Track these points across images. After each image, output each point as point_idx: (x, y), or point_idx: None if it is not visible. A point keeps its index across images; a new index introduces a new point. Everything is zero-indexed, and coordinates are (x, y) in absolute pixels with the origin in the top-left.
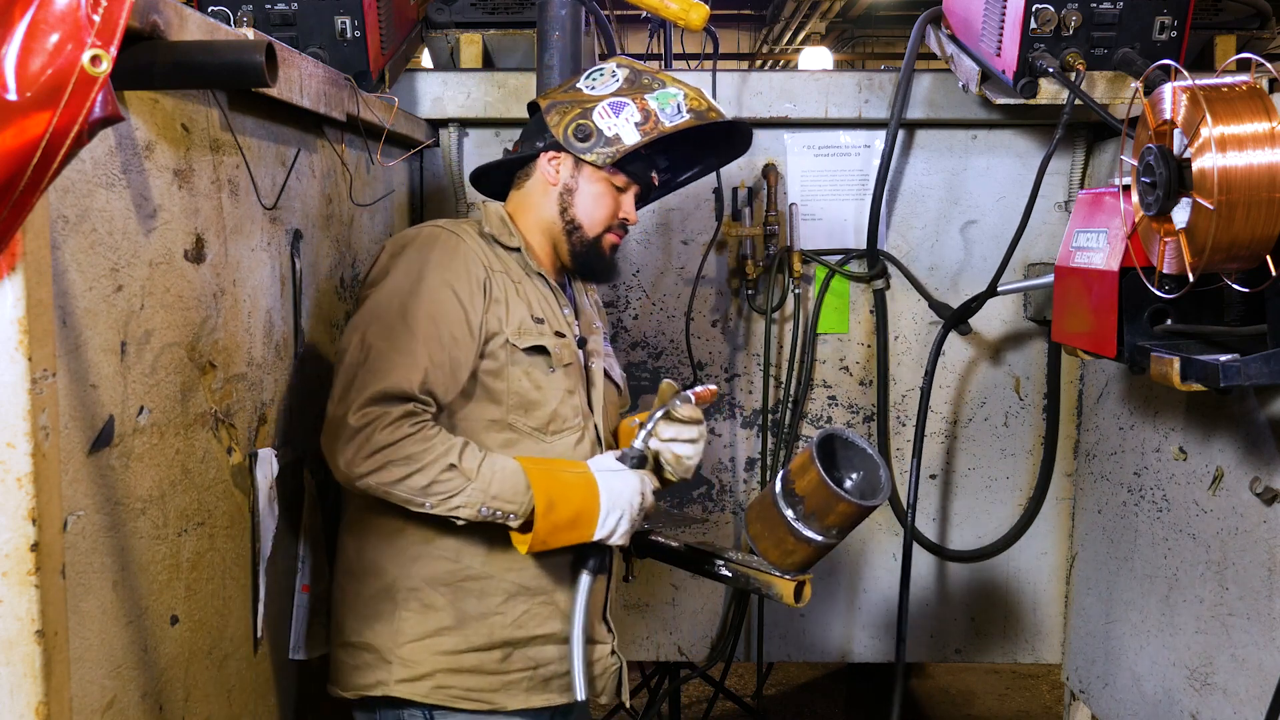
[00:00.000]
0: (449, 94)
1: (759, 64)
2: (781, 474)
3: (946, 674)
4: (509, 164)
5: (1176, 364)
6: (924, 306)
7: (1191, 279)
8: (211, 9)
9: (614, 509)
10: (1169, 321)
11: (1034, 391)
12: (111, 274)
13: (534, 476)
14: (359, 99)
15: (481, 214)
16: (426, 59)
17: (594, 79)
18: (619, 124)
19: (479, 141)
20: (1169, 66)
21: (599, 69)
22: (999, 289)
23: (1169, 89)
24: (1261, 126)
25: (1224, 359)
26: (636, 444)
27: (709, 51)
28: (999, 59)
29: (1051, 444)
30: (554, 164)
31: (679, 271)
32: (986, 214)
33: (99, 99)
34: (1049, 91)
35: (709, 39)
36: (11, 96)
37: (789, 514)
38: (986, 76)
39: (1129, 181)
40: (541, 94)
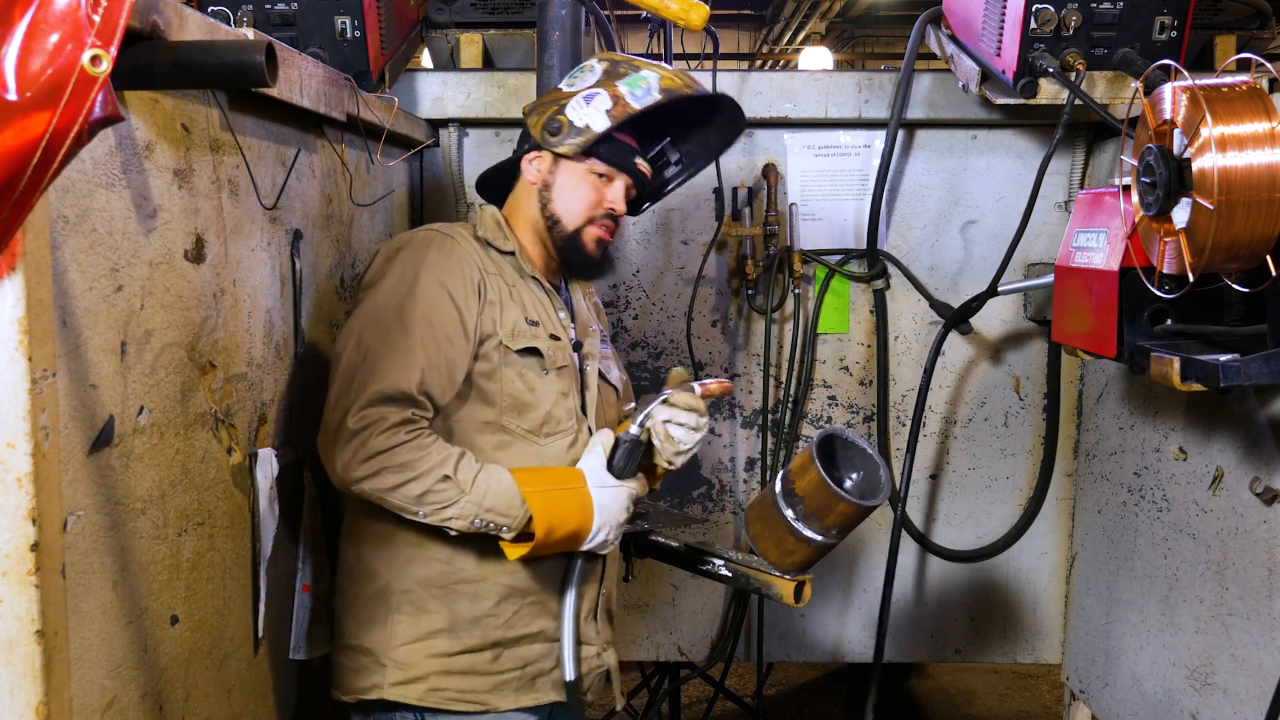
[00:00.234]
0: (449, 94)
1: (759, 64)
2: (781, 474)
3: (946, 674)
4: (507, 172)
5: (1176, 364)
6: (924, 306)
7: (1191, 279)
8: (211, 9)
9: (604, 526)
10: (1169, 321)
11: (1034, 391)
12: (111, 274)
13: (531, 498)
14: (359, 99)
15: (478, 217)
16: (426, 59)
17: (574, 76)
18: (589, 113)
19: (479, 141)
20: (1169, 66)
21: (580, 66)
22: (999, 289)
23: (1169, 89)
24: (1261, 126)
25: (1224, 359)
26: (633, 429)
27: (709, 51)
28: (999, 59)
29: (1051, 444)
30: (534, 163)
31: (679, 271)
32: (986, 214)
33: (99, 99)
34: (1049, 91)
35: (709, 39)
36: (11, 96)
37: (789, 514)
38: (986, 76)
39: (1129, 181)
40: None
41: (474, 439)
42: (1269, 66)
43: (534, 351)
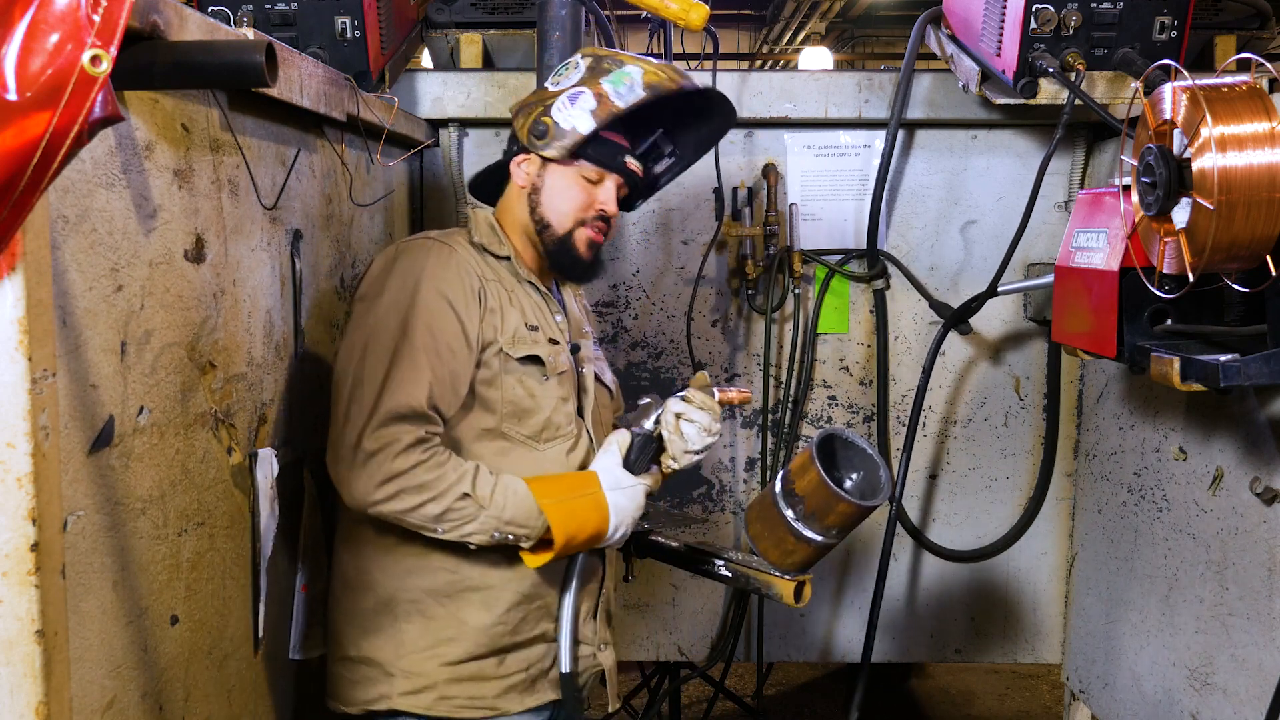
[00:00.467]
0: (449, 94)
1: (759, 64)
2: (781, 474)
3: (946, 674)
4: (498, 173)
5: (1176, 364)
6: (924, 306)
7: (1191, 279)
8: (211, 9)
9: (620, 525)
10: (1169, 321)
11: (1034, 391)
12: (111, 274)
13: (549, 510)
14: (359, 99)
15: (472, 222)
16: (426, 59)
17: (559, 74)
18: (574, 114)
19: (479, 141)
20: (1169, 66)
21: (565, 63)
22: (999, 289)
23: (1169, 89)
24: (1261, 126)
25: (1224, 359)
26: (648, 424)
27: (709, 51)
28: (999, 59)
29: (1051, 444)
30: (522, 167)
31: (679, 271)
32: (986, 214)
33: (99, 99)
34: (1049, 91)
35: (709, 39)
36: (11, 96)
37: (789, 514)
38: (986, 76)
39: (1129, 181)
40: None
41: (473, 447)
42: (1269, 66)
43: (535, 359)
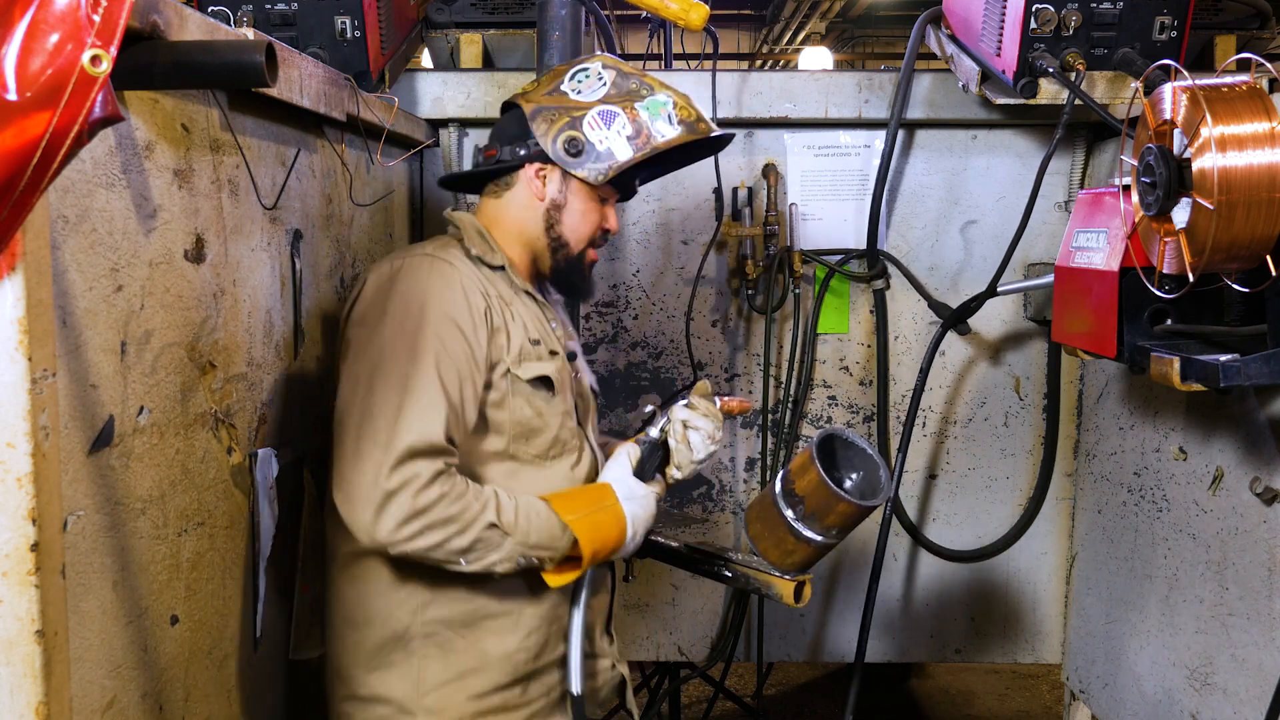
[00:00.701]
0: (449, 94)
1: (759, 64)
2: (781, 474)
3: (946, 674)
4: (489, 175)
5: (1176, 364)
6: (924, 306)
7: (1191, 279)
8: (211, 9)
9: (636, 535)
10: (1169, 321)
11: (1034, 391)
12: (111, 274)
13: (575, 525)
14: (359, 99)
15: (461, 231)
16: (426, 59)
17: (579, 81)
18: (611, 136)
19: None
20: (1169, 66)
21: (583, 69)
22: (999, 289)
23: (1169, 89)
24: (1261, 126)
25: (1224, 359)
26: (654, 431)
27: (709, 51)
28: (999, 59)
29: (1051, 444)
30: (545, 179)
31: (679, 271)
32: (986, 214)
33: (99, 99)
34: (1049, 91)
35: (709, 39)
36: (11, 96)
37: (789, 514)
38: (986, 76)
39: (1129, 181)
40: (524, 93)
41: (482, 470)
42: (1269, 66)
43: (545, 380)
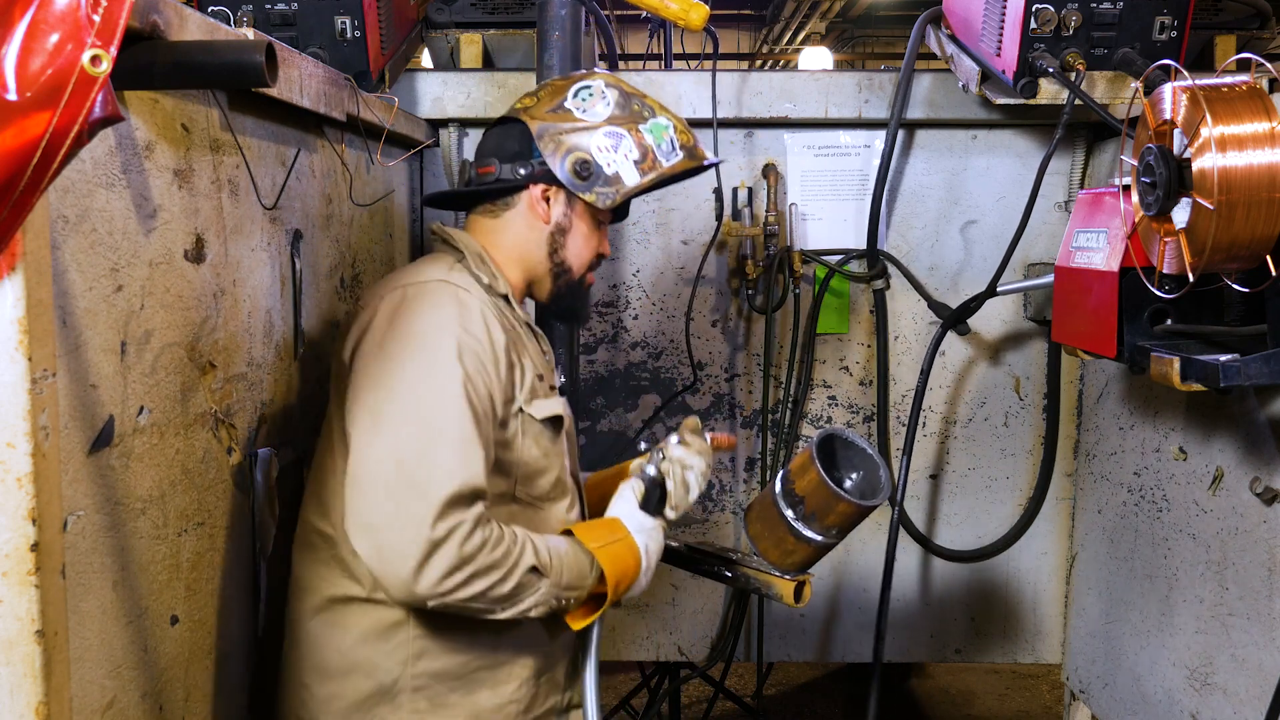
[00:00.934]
0: (449, 94)
1: (759, 64)
2: (781, 474)
3: (946, 674)
4: (485, 188)
5: (1176, 364)
6: (924, 306)
7: (1191, 279)
8: (211, 9)
9: (648, 571)
10: (1169, 321)
11: (1034, 391)
12: (111, 274)
13: (599, 554)
14: (359, 99)
15: (465, 254)
16: (426, 59)
17: (584, 99)
18: (618, 160)
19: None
20: (1169, 66)
21: (585, 86)
22: (999, 289)
23: (1169, 89)
24: (1261, 126)
25: (1224, 359)
26: (650, 469)
27: (709, 51)
28: (999, 59)
29: (1051, 444)
30: (551, 202)
31: (679, 271)
32: (986, 214)
33: (99, 99)
34: (1049, 91)
35: (709, 39)
36: (11, 96)
37: (789, 514)
38: (986, 76)
39: (1129, 181)
40: (524, 108)
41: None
42: (1269, 66)
43: (555, 420)
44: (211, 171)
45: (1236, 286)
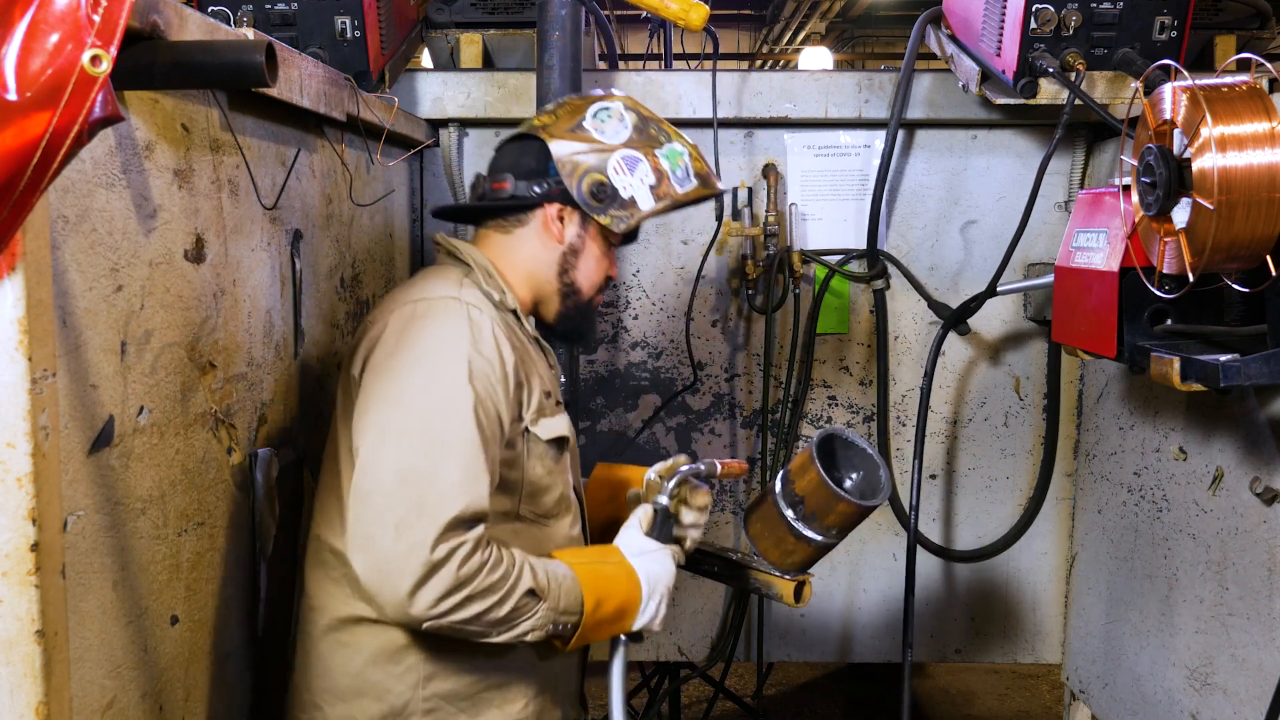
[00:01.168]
0: (449, 94)
1: (759, 64)
2: (781, 474)
3: (946, 674)
4: (498, 203)
5: (1176, 364)
6: (924, 306)
7: (1191, 279)
8: (211, 9)
9: (653, 595)
10: (1169, 321)
11: (1034, 391)
12: (111, 274)
13: (581, 575)
14: (359, 99)
15: (473, 268)
16: (426, 59)
17: (602, 120)
18: (635, 184)
19: (479, 141)
20: (1169, 66)
21: (605, 108)
22: (999, 289)
23: (1169, 89)
24: (1261, 126)
25: (1224, 359)
26: (662, 499)
27: (709, 51)
28: (999, 59)
29: (1051, 444)
30: (566, 222)
31: (679, 271)
32: (986, 214)
33: (99, 99)
34: (1049, 91)
35: (709, 39)
36: (11, 96)
37: (789, 514)
38: (986, 76)
39: (1129, 181)
40: (542, 125)
41: (489, 533)
42: (1269, 66)
43: (561, 440)
44: (211, 171)
45: (1236, 286)
